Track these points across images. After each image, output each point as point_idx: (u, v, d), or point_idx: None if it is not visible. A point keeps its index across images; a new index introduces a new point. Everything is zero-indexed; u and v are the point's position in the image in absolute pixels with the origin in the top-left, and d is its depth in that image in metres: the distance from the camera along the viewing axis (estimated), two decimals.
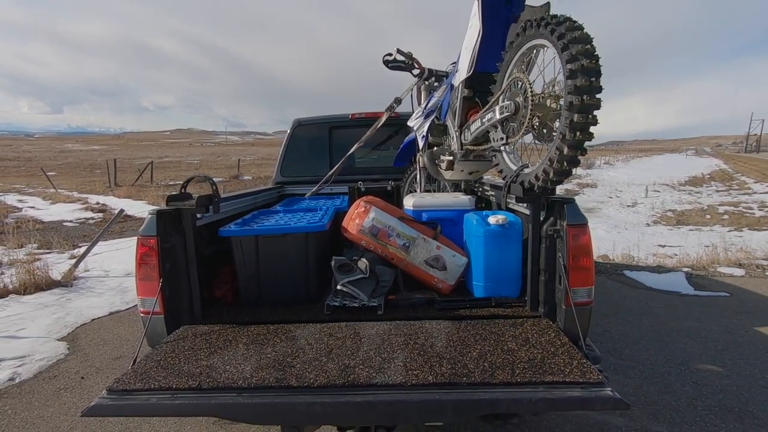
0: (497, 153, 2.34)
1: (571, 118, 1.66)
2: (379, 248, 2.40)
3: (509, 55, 2.16)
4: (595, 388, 1.45)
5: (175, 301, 2.11)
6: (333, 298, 2.27)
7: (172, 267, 2.10)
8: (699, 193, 17.59)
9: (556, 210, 2.05)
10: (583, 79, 1.61)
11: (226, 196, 2.63)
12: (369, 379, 1.52)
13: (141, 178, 21.07)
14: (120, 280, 5.73)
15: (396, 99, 3.55)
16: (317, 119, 4.20)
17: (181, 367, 1.66)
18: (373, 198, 2.53)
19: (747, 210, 12.82)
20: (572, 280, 1.98)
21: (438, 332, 1.92)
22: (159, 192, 15.76)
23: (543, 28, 1.83)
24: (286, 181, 4.15)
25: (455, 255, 2.43)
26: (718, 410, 2.84)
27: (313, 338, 1.88)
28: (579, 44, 1.65)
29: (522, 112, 1.96)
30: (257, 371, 1.61)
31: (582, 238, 2.00)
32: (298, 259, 2.32)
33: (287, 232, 2.28)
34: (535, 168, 1.93)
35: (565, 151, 1.72)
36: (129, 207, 11.85)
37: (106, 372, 3.41)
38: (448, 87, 2.84)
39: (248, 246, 2.29)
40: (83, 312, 4.64)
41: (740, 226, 10.28)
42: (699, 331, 4.04)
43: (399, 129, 4.20)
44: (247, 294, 2.36)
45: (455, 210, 2.71)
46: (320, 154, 4.17)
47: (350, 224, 2.44)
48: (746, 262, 6.40)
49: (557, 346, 1.75)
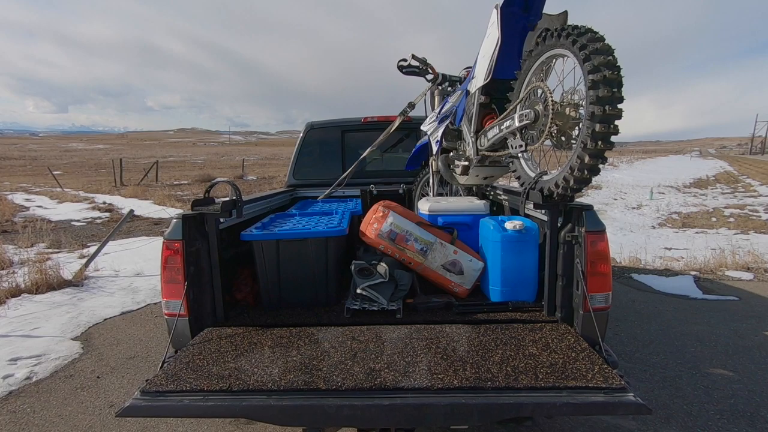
0: (514, 159, 2.37)
1: (592, 127, 1.69)
2: (396, 252, 2.44)
3: (528, 63, 2.19)
4: (617, 393, 1.48)
5: (199, 304, 2.15)
6: (353, 301, 2.31)
7: (197, 270, 2.14)
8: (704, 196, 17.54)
9: (575, 216, 2.09)
10: (605, 90, 1.65)
11: (247, 199, 2.67)
12: (395, 382, 1.56)
13: (146, 178, 21.18)
14: (130, 280, 5.79)
15: (409, 103, 3.58)
16: (330, 122, 4.24)
17: (210, 369, 1.70)
18: (391, 203, 2.57)
19: (753, 213, 12.78)
20: (590, 285, 2.01)
21: (459, 336, 1.95)
22: (165, 192, 15.84)
23: (564, 38, 1.86)
24: (299, 183, 4.19)
25: (472, 260, 2.46)
26: (730, 415, 2.86)
27: (337, 341, 1.92)
28: (601, 55, 1.68)
29: (542, 120, 1.99)
30: (285, 374, 1.64)
31: (600, 244, 2.03)
32: (318, 263, 2.35)
33: (308, 236, 2.32)
34: (555, 175, 1.96)
35: (586, 160, 1.75)
36: (136, 207, 11.90)
37: (121, 372, 3.46)
38: (463, 93, 2.87)
39: (269, 250, 2.33)
40: (95, 311, 4.69)
41: (747, 229, 10.25)
42: (709, 335, 4.06)
43: (410, 133, 4.24)
44: (268, 297, 2.40)
45: (471, 215, 2.75)
46: (332, 157, 4.21)
47: (368, 228, 2.47)
48: (754, 266, 6.40)
49: (577, 351, 1.78)
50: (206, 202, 2.23)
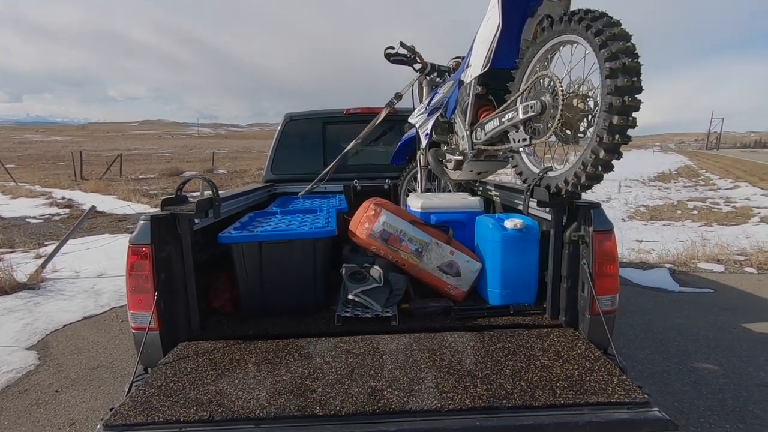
0: (515, 154, 2.23)
1: (610, 120, 1.56)
2: (389, 254, 2.27)
3: (531, 51, 2.05)
4: (642, 408, 1.37)
5: (172, 315, 1.92)
6: (343, 307, 2.13)
7: (168, 277, 1.90)
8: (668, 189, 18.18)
9: (581, 215, 1.97)
10: (624, 79, 1.52)
11: (224, 196, 2.43)
12: (401, 404, 1.39)
13: (109, 172, 20.11)
14: (93, 282, 5.39)
15: (396, 94, 3.40)
16: (310, 114, 4.00)
17: (186, 394, 1.48)
18: (383, 200, 2.39)
19: (714, 206, 13.29)
20: (598, 287, 1.91)
21: (462, 346, 1.81)
22: (130, 186, 15.05)
23: (575, 23, 1.72)
24: (277, 179, 3.94)
25: (469, 260, 2.32)
26: (720, 411, 2.86)
27: (330, 355, 1.74)
28: (619, 41, 1.55)
29: (550, 111, 1.86)
30: (274, 397, 1.45)
31: (608, 244, 1.92)
32: (304, 267, 2.15)
33: (294, 238, 2.11)
34: (564, 171, 1.83)
35: (601, 155, 1.63)
36: (99, 202, 11.24)
37: (82, 384, 3.15)
38: (456, 83, 2.71)
39: (251, 253, 2.11)
40: (54, 317, 4.31)
41: (710, 221, 10.62)
42: (690, 329, 4.10)
43: (394, 126, 4.06)
44: (249, 304, 2.18)
45: (465, 212, 2.60)
46: (313, 150, 3.98)
47: (359, 228, 2.29)
48: (723, 258, 6.59)
49: (591, 360, 1.66)
50: (178, 200, 1.99)
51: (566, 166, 1.83)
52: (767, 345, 3.76)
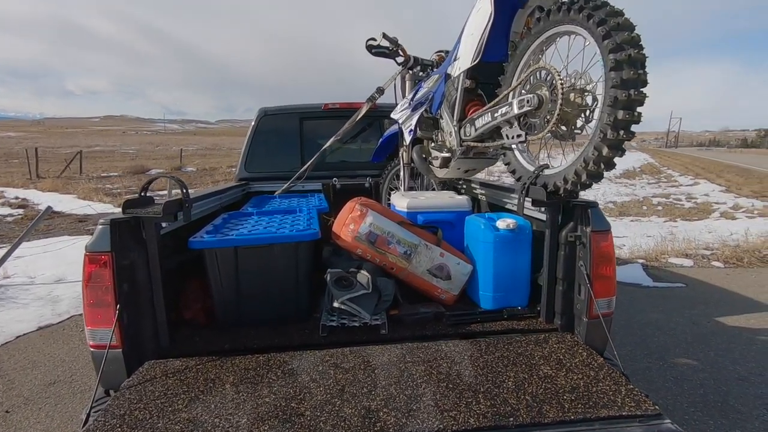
0: (507, 151, 2.14)
1: (614, 114, 1.48)
2: (377, 257, 2.13)
3: (526, 42, 1.95)
4: (654, 421, 1.29)
5: (137, 330, 1.71)
6: (328, 316, 1.97)
7: (132, 288, 1.70)
8: (633, 186, 18.78)
9: (577, 214, 1.89)
10: (630, 71, 1.43)
11: (195, 197, 2.22)
12: (399, 426, 1.26)
13: (68, 169, 19.01)
14: (49, 288, 5.00)
15: (378, 89, 3.26)
16: (286, 109, 3.79)
17: (155, 424, 1.30)
18: (368, 200, 2.25)
19: (677, 201, 13.80)
20: (595, 290, 1.84)
21: (458, 355, 1.69)
22: (91, 185, 14.28)
23: (575, 13, 1.63)
24: (251, 177, 3.73)
25: (460, 262, 2.21)
26: (703, 406, 2.88)
27: (317, 371, 1.58)
28: (624, 31, 1.47)
29: (547, 106, 1.76)
30: (257, 424, 1.29)
31: (605, 245, 1.86)
32: (285, 273, 1.98)
33: (273, 242, 1.93)
34: (563, 169, 1.74)
35: (604, 152, 1.54)
36: (56, 202, 10.60)
37: (37, 403, 2.87)
38: (442, 77, 2.59)
39: (226, 259, 1.92)
40: (5, 328, 3.96)
41: (674, 216, 11.00)
42: (667, 324, 4.17)
43: (373, 121, 3.91)
44: (225, 314, 1.99)
45: (454, 212, 2.50)
46: (290, 147, 3.78)
47: (344, 230, 2.13)
48: (692, 253, 6.80)
49: (595, 368, 1.58)
50: (143, 201, 1.78)
51: (565, 164, 1.75)
52: (740, 338, 3.85)
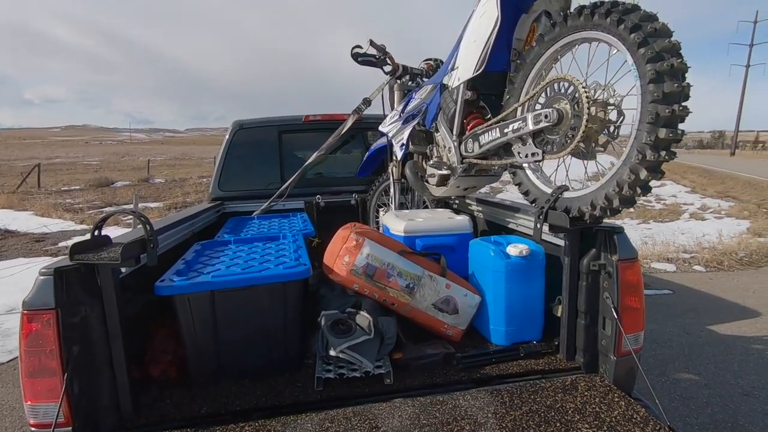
0: (517, 171, 1.93)
1: (656, 133, 1.29)
2: (376, 292, 1.87)
3: (537, 50, 1.75)
4: None
5: (91, 401, 1.40)
6: (323, 366, 1.70)
7: (84, 349, 1.39)
8: None
9: (600, 240, 1.70)
10: (674, 84, 1.25)
11: (159, 228, 1.91)
12: None
13: (25, 184, 17.85)
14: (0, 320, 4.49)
15: (364, 99, 3.02)
16: (263, 121, 3.50)
17: None
18: (363, 226, 2.00)
19: (647, 203, 14.13)
20: (624, 324, 1.65)
21: (480, 413, 1.45)
22: (51, 200, 13.40)
23: (600, 17, 1.44)
24: (226, 196, 3.41)
25: (467, 294, 1.98)
26: (713, 427, 2.76)
27: None
28: (663, 38, 1.28)
29: (568, 122, 1.57)
30: None
31: (633, 274, 1.67)
32: (271, 317, 1.70)
33: (257, 283, 1.65)
34: (591, 192, 1.55)
35: (642, 175, 1.35)
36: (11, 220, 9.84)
37: None
38: (437, 87, 2.38)
39: (200, 305, 1.62)
40: None
41: (646, 218, 11.21)
42: (662, 334, 4.09)
43: (357, 134, 3.67)
44: (200, 368, 1.69)
45: (455, 234, 2.28)
46: (268, 163, 3.48)
47: (337, 263, 1.87)
48: (673, 257, 6.84)
49: (640, 425, 1.38)
50: (96, 243, 1.47)
51: (592, 186, 1.55)
52: (736, 348, 3.80)
